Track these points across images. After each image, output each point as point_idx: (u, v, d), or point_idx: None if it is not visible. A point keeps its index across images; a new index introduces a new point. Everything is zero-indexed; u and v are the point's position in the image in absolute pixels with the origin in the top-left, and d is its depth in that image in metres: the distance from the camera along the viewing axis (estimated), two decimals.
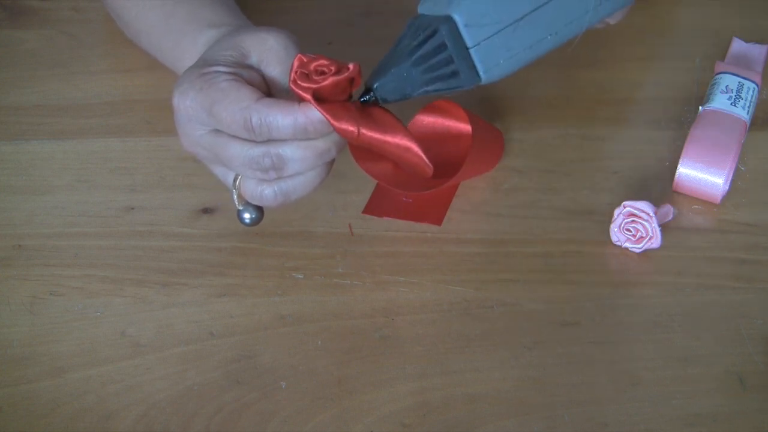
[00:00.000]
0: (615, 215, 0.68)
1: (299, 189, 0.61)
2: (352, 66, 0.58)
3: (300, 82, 0.58)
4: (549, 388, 0.61)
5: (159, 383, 0.62)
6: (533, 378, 0.62)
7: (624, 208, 0.67)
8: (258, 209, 0.64)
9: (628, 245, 0.68)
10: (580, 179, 0.73)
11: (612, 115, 0.78)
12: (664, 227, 0.68)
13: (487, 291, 0.66)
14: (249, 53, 0.62)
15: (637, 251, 0.68)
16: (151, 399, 0.61)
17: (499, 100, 0.78)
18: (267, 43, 0.62)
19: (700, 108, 0.74)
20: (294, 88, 0.58)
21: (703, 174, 0.70)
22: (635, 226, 0.67)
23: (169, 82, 0.63)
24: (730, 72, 0.76)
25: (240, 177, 0.62)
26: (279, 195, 0.61)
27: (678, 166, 0.71)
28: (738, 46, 0.82)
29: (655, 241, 0.67)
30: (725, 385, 0.61)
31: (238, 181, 0.62)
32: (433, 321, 0.65)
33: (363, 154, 0.66)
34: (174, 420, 0.60)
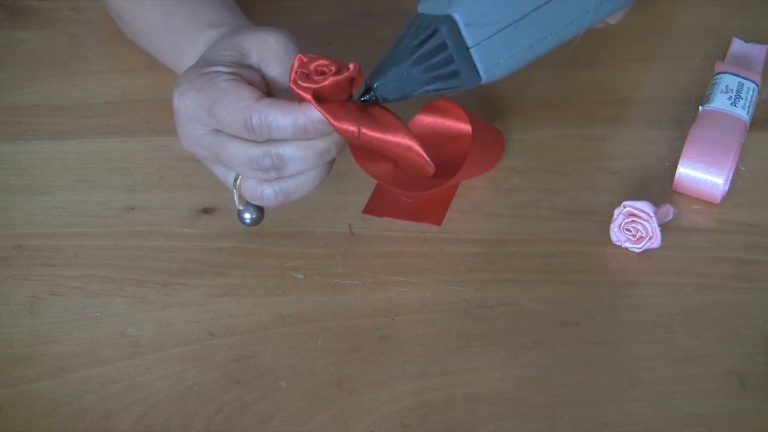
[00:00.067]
0: (615, 215, 0.68)
1: (299, 189, 0.61)
2: (352, 66, 0.58)
3: (300, 82, 0.58)
4: (549, 388, 0.61)
5: (159, 383, 0.62)
6: (533, 378, 0.62)
7: (624, 208, 0.67)
8: (258, 209, 0.64)
9: (628, 245, 0.68)
10: (580, 179, 0.73)
11: (612, 115, 0.78)
12: (664, 227, 0.68)
13: (487, 291, 0.66)
14: (249, 53, 0.62)
15: (637, 251, 0.68)
16: (151, 399, 0.61)
17: (499, 100, 0.78)
18: (267, 43, 0.62)
19: (700, 108, 0.74)
20: (294, 88, 0.58)
21: (703, 174, 0.70)
22: (635, 226, 0.67)
23: (169, 82, 0.63)
24: (730, 72, 0.76)
25: (240, 177, 0.62)
26: (279, 195, 0.61)
27: (678, 166, 0.71)
28: (738, 46, 0.82)
29: (655, 241, 0.67)
30: (725, 385, 0.61)
31: (238, 181, 0.62)
32: (433, 321, 0.65)
33: (363, 154, 0.66)
34: (174, 420, 0.60)
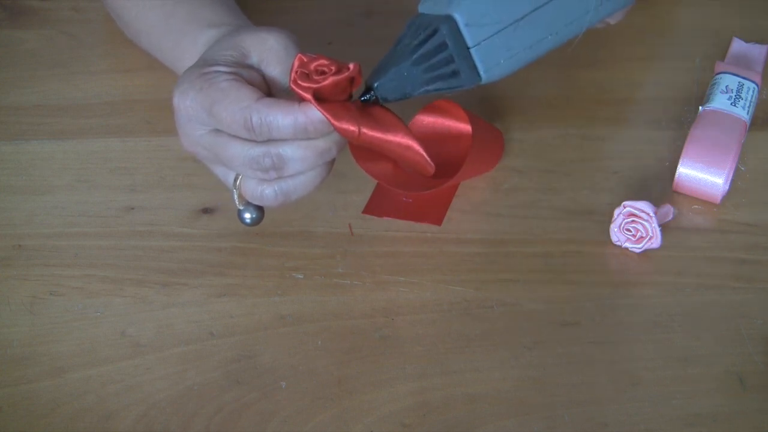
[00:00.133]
0: (615, 215, 0.68)
1: (300, 189, 0.61)
2: (352, 66, 0.58)
3: (300, 81, 0.58)
4: (549, 388, 0.61)
5: (159, 383, 0.62)
6: (533, 378, 0.62)
7: (624, 208, 0.67)
8: (258, 209, 0.64)
9: (628, 245, 0.68)
10: (580, 179, 0.73)
11: (612, 115, 0.78)
12: (664, 227, 0.68)
13: (487, 291, 0.66)
14: (249, 53, 0.62)
15: (637, 251, 0.68)
16: (151, 399, 0.61)
17: (499, 100, 0.78)
18: (267, 43, 0.62)
19: (700, 108, 0.74)
20: (294, 87, 0.58)
21: (703, 174, 0.70)
22: (635, 226, 0.67)
23: (169, 82, 0.63)
24: (730, 72, 0.76)
25: (240, 177, 0.62)
26: (279, 195, 0.61)
27: (678, 166, 0.71)
28: (738, 46, 0.82)
29: (655, 241, 0.67)
30: (725, 385, 0.61)
31: (238, 181, 0.62)
32: (433, 321, 0.65)
33: (363, 153, 0.66)
34: (174, 420, 0.60)
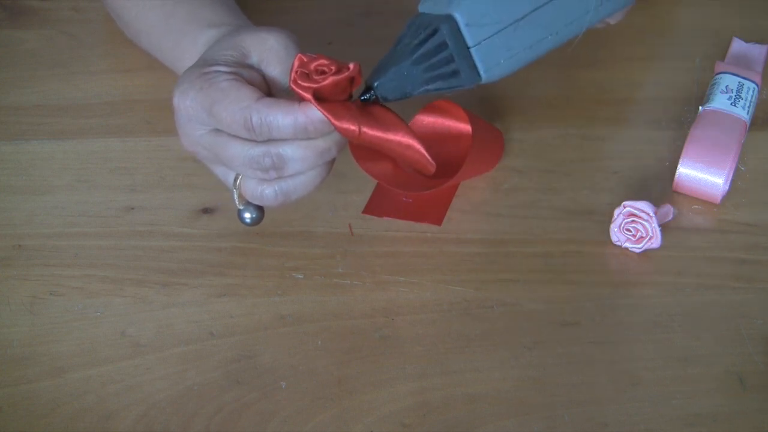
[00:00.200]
0: (615, 215, 0.68)
1: (300, 188, 0.61)
2: (352, 65, 0.58)
3: (300, 81, 0.58)
4: (549, 388, 0.61)
5: (159, 383, 0.62)
6: (533, 378, 0.62)
7: (624, 208, 0.67)
8: (258, 209, 0.64)
9: (628, 245, 0.68)
10: (580, 179, 0.73)
11: (612, 115, 0.78)
12: (664, 227, 0.68)
13: (487, 291, 0.66)
14: (249, 53, 0.62)
15: (637, 251, 0.68)
16: (151, 399, 0.61)
17: (499, 100, 0.78)
18: (267, 43, 0.62)
19: (700, 108, 0.74)
20: (294, 87, 0.58)
21: (703, 174, 0.70)
22: (635, 226, 0.67)
23: (169, 82, 0.63)
24: (730, 72, 0.76)
25: (240, 177, 0.62)
26: (279, 195, 0.61)
27: (678, 166, 0.71)
28: (738, 46, 0.82)
29: (655, 241, 0.67)
30: (725, 385, 0.61)
31: (238, 181, 0.62)
32: (433, 321, 0.65)
33: (363, 153, 0.66)
34: (174, 420, 0.60)
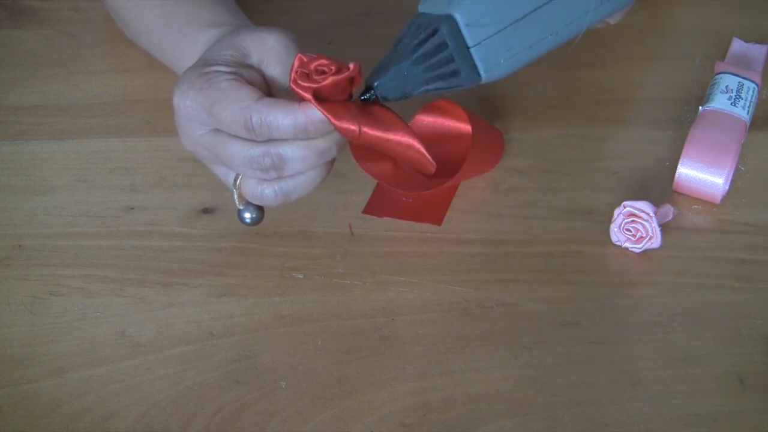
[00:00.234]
0: (615, 215, 0.68)
1: (300, 188, 0.61)
2: (352, 65, 0.58)
3: (300, 81, 0.58)
4: (549, 388, 0.61)
5: (159, 383, 0.62)
6: (533, 378, 0.62)
7: (624, 208, 0.67)
8: (258, 209, 0.64)
9: (628, 245, 0.68)
10: (580, 179, 0.73)
11: (612, 115, 0.78)
12: (664, 227, 0.68)
13: (487, 291, 0.66)
14: (249, 53, 0.62)
15: (637, 251, 0.68)
16: (151, 399, 0.61)
17: (499, 100, 0.78)
18: (267, 43, 0.62)
19: (700, 108, 0.74)
20: (294, 87, 0.58)
21: (703, 174, 0.70)
22: (635, 226, 0.67)
23: (169, 82, 0.63)
24: (730, 72, 0.76)
25: (240, 177, 0.62)
26: (279, 194, 0.61)
27: (678, 166, 0.71)
28: (738, 46, 0.82)
29: (655, 241, 0.67)
30: (725, 385, 0.61)
31: (238, 181, 0.62)
32: (433, 321, 0.65)
33: (363, 153, 0.66)
34: (174, 420, 0.60)
